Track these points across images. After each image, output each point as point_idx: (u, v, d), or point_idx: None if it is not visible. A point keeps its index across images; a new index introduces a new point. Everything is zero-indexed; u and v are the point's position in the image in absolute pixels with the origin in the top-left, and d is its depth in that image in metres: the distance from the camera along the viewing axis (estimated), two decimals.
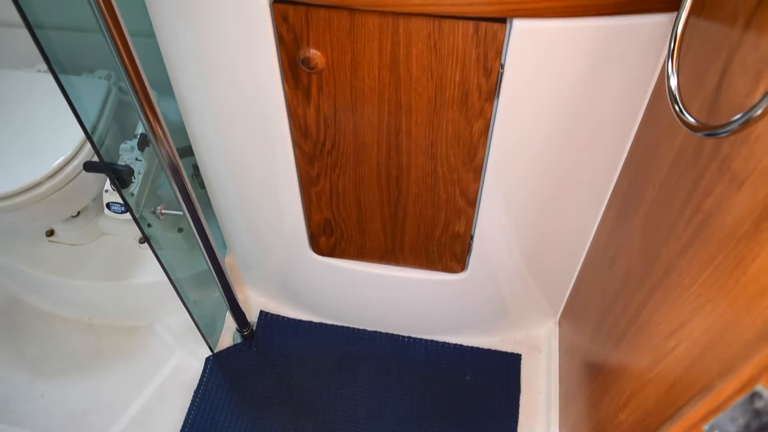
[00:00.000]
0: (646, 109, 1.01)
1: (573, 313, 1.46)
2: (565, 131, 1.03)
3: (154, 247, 1.31)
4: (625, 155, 1.09)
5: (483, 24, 0.88)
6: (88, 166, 1.42)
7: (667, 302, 0.84)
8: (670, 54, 0.67)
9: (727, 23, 0.71)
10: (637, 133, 1.04)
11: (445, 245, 1.30)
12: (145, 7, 1.04)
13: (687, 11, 0.67)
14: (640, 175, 1.00)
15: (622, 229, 1.08)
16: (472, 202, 1.18)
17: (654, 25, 0.89)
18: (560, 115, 1.00)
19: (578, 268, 1.40)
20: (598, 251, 1.24)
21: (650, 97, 0.99)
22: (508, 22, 0.88)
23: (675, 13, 0.88)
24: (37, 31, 1.15)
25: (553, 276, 1.43)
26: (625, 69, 0.95)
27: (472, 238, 1.28)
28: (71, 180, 1.49)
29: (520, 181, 1.13)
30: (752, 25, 0.66)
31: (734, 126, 0.56)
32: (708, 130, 0.61)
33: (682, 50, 0.84)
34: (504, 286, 1.44)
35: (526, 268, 1.38)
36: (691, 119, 0.64)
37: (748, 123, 0.55)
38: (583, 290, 1.36)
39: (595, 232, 1.27)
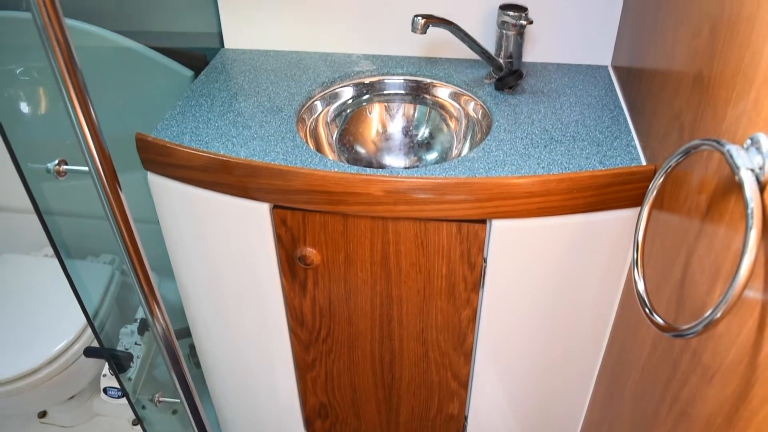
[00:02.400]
0: (623, 292, 1.07)
1: None
2: (549, 315, 1.09)
3: (148, 431, 1.31)
4: (608, 333, 1.14)
5: (465, 224, 0.96)
6: (89, 352, 1.44)
7: None
8: (635, 262, 0.74)
9: (685, 220, 0.78)
10: (617, 313, 1.10)
11: (439, 426, 1.31)
12: (151, 198, 1.12)
13: (645, 223, 0.74)
14: (624, 355, 1.04)
15: (612, 406, 1.10)
16: (464, 384, 1.20)
17: (624, 219, 0.98)
18: (543, 301, 1.06)
19: None
20: (592, 425, 1.25)
21: (626, 280, 1.05)
22: (487, 222, 0.96)
23: (638, 208, 0.96)
24: (45, 217, 1.23)
25: None
26: (599, 256, 1.02)
27: (466, 418, 1.29)
28: (70, 365, 1.51)
29: (510, 363, 1.16)
30: (705, 227, 0.73)
31: (698, 328, 0.61)
32: (675, 331, 0.66)
33: (649, 240, 0.91)
34: None
35: None
36: (659, 320, 0.69)
37: (709, 325, 0.60)
38: None
39: (588, 407, 1.29)
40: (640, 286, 0.73)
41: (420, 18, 1.06)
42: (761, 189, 0.58)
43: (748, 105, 0.63)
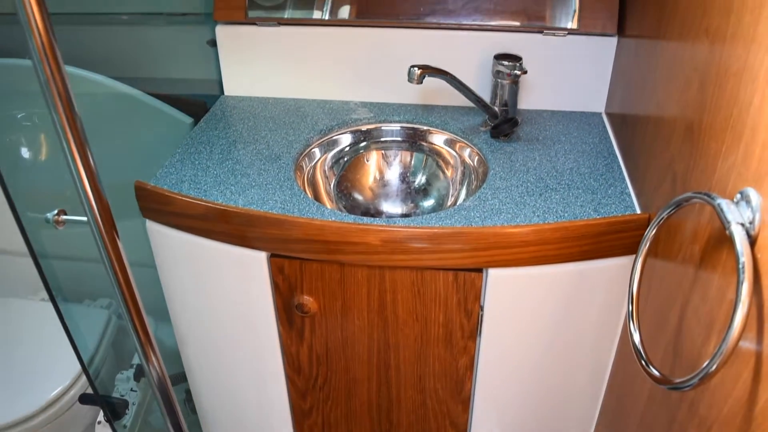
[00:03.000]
0: (620, 340, 1.07)
1: None
2: (546, 362, 1.08)
3: None
4: (606, 381, 1.13)
5: (461, 273, 0.97)
6: (84, 399, 1.43)
7: None
8: (630, 314, 0.74)
9: (680, 269, 0.79)
10: (615, 360, 1.09)
11: None
12: (148, 241, 1.13)
13: (639, 275, 0.75)
14: (622, 404, 1.03)
15: None
16: None
17: (619, 267, 0.98)
18: (540, 348, 1.06)
19: None
20: None
21: (622, 326, 1.05)
22: (484, 270, 0.97)
23: (633, 256, 0.97)
24: (41, 261, 1.22)
25: None
26: (595, 303, 1.02)
27: None
28: (65, 412, 1.49)
29: (508, 411, 1.16)
30: (699, 277, 0.73)
31: (694, 381, 0.61)
32: (671, 384, 0.66)
33: (645, 288, 0.92)
34: None
35: None
36: (655, 372, 0.70)
37: (705, 378, 0.60)
38: None
39: None
40: (636, 338, 0.73)
41: (416, 69, 1.08)
42: (752, 243, 0.59)
43: (738, 159, 0.64)
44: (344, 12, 1.28)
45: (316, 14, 1.29)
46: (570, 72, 1.27)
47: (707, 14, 0.75)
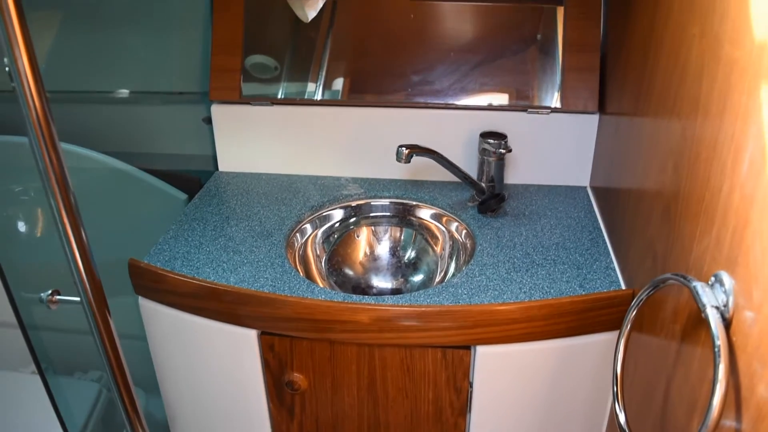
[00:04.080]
0: (610, 414, 1.07)
1: None
2: None
3: None
4: None
5: (450, 350, 0.98)
6: None
7: None
8: (615, 395, 0.75)
9: (664, 346, 0.80)
10: (607, 427, 1.09)
11: None
12: (140, 314, 1.13)
13: (622, 355, 0.76)
14: None
15: None
16: None
17: (606, 342, 1.00)
18: (530, 424, 1.06)
19: None
20: None
21: (612, 401, 1.05)
22: (472, 348, 0.98)
23: (618, 331, 0.98)
24: (32, 333, 1.22)
25: None
26: (585, 378, 1.02)
27: None
28: None
29: None
30: (681, 355, 0.74)
31: None
32: None
33: (631, 364, 0.92)
34: None
35: None
36: None
37: None
38: None
39: None
40: (621, 419, 0.74)
41: (404, 149, 1.11)
42: (727, 326, 0.61)
43: (711, 243, 0.66)
44: (336, 90, 1.33)
45: (309, 92, 1.34)
46: (554, 148, 1.31)
47: (678, 101, 0.79)
